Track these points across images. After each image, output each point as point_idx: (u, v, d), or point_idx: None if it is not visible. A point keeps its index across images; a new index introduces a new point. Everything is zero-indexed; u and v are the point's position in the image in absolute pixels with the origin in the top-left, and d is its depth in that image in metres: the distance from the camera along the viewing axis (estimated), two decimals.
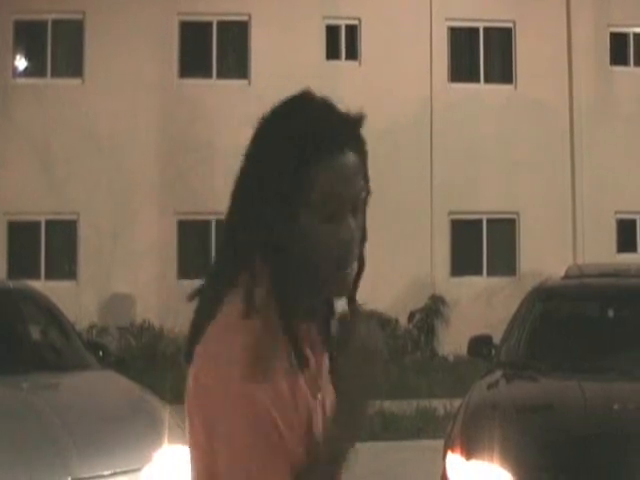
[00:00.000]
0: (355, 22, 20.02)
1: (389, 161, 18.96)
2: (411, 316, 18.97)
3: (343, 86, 19.12)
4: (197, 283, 1.91)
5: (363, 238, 1.88)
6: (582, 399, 5.97)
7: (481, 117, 19.65)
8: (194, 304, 1.89)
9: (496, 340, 7.40)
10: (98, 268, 18.87)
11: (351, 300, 1.93)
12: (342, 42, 20.11)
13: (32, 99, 18.80)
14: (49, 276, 18.72)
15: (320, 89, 1.78)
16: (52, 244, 19.42)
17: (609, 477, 5.18)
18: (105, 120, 18.87)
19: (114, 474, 5.16)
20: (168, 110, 19.29)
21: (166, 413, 5.91)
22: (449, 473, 5.51)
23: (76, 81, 19.40)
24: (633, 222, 20.52)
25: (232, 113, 18.75)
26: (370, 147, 1.79)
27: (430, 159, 19.74)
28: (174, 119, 19.24)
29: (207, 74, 19.71)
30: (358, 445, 1.86)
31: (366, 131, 1.78)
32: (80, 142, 18.81)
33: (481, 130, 19.59)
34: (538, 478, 5.22)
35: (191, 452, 1.82)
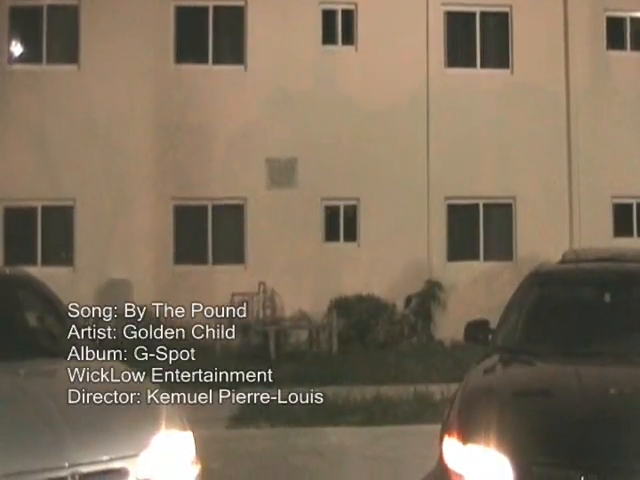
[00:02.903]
0: (351, 7, 19.96)
1: (386, 146, 18.94)
2: (408, 301, 19.00)
3: (339, 71, 19.11)
4: (193, 268, 1.91)
5: None
6: (579, 383, 5.97)
7: (477, 102, 19.64)
8: (190, 290, 1.89)
9: (493, 325, 7.39)
10: (94, 254, 18.86)
11: None
12: (338, 27, 20.04)
13: (28, 85, 18.76)
14: (45, 262, 18.72)
15: (316, 74, 1.77)
16: (48, 230, 19.39)
17: (605, 461, 5.18)
18: (101, 106, 18.86)
19: (111, 460, 5.16)
20: (164, 95, 19.25)
21: (163, 399, 5.92)
22: (446, 457, 5.52)
23: (72, 67, 19.35)
24: (629, 206, 20.51)
25: (228, 98, 18.74)
26: (367, 132, 1.77)
27: (427, 144, 19.71)
28: (170, 104, 19.21)
29: (203, 59, 19.65)
30: (356, 430, 1.86)
31: (362, 116, 1.78)
32: (76, 128, 18.80)
33: (477, 115, 19.58)
34: (534, 462, 5.22)
35: None
